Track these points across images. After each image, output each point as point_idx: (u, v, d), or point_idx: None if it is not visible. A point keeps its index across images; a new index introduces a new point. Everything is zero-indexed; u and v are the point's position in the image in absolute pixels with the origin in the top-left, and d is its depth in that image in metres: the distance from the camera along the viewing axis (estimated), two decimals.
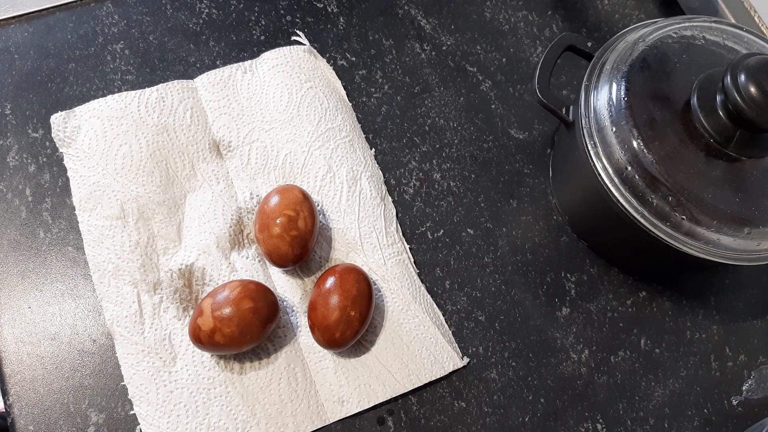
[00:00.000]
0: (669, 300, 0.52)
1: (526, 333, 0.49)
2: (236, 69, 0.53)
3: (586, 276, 0.52)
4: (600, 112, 0.45)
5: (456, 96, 0.56)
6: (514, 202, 0.53)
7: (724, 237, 0.42)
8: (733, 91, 0.41)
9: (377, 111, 0.54)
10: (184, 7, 0.55)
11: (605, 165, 0.44)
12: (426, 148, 0.54)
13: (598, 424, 0.47)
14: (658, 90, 0.45)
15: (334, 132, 0.51)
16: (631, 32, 0.49)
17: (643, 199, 0.43)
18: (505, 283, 0.50)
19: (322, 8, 0.57)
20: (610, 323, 0.51)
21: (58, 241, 0.46)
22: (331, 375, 0.44)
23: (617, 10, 0.63)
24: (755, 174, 0.44)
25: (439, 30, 0.59)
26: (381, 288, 0.47)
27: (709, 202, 0.42)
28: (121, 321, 0.43)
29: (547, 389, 0.48)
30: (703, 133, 0.43)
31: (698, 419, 0.49)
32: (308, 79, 0.53)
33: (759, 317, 0.53)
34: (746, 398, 0.50)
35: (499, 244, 0.51)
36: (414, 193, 0.52)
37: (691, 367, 0.50)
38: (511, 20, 0.60)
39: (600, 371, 0.49)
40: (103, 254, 0.45)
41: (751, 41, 0.48)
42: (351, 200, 0.49)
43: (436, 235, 0.51)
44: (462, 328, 0.48)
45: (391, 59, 0.56)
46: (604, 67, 0.47)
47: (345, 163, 0.50)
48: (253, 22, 0.56)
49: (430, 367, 0.46)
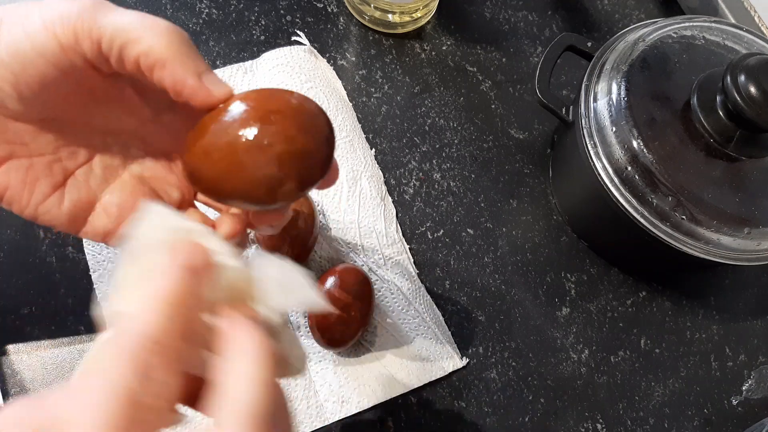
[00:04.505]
0: (669, 300, 0.52)
1: (526, 333, 0.49)
2: (236, 69, 0.53)
3: (586, 276, 0.52)
4: (600, 112, 0.45)
5: (456, 96, 0.56)
6: (514, 202, 0.53)
7: (724, 237, 0.42)
8: (733, 91, 0.41)
9: (377, 111, 0.54)
10: (184, 7, 0.55)
11: (605, 165, 0.44)
12: (426, 148, 0.54)
13: (598, 424, 0.47)
14: (658, 90, 0.45)
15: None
16: (631, 32, 0.49)
17: (643, 199, 0.43)
18: (505, 283, 0.50)
19: (322, 8, 0.57)
20: (610, 323, 0.51)
21: (58, 241, 0.46)
22: (331, 375, 0.44)
23: (617, 10, 0.63)
24: (755, 174, 0.44)
25: (439, 30, 0.59)
26: (381, 288, 0.47)
27: (709, 202, 0.42)
28: None
29: (547, 389, 0.48)
30: (703, 133, 0.43)
31: (698, 419, 0.49)
32: (308, 79, 0.53)
33: (759, 317, 0.53)
34: (746, 398, 0.50)
35: (499, 244, 0.51)
36: (414, 193, 0.52)
37: (691, 367, 0.50)
38: (511, 20, 0.60)
39: (600, 371, 0.49)
40: (103, 254, 0.45)
41: (751, 41, 0.48)
42: (351, 200, 0.49)
43: (436, 235, 0.51)
44: (462, 328, 0.48)
45: (391, 59, 0.56)
46: (604, 67, 0.47)
47: (345, 163, 0.50)
48: (253, 22, 0.56)
49: (430, 367, 0.46)
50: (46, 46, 0.26)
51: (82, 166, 0.31)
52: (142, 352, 0.21)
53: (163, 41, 0.26)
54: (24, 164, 0.29)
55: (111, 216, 0.31)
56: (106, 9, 0.26)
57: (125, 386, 0.20)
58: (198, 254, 0.24)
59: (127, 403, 0.20)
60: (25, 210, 0.30)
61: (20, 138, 0.28)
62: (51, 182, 0.30)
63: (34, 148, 0.29)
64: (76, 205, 0.30)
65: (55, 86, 0.27)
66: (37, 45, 0.25)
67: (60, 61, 0.26)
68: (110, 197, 0.31)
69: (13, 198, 0.29)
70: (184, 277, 0.23)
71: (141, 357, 0.21)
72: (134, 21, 0.26)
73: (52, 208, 0.30)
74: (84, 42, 0.26)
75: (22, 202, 0.29)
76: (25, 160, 0.29)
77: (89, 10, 0.26)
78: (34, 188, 0.29)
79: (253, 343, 0.23)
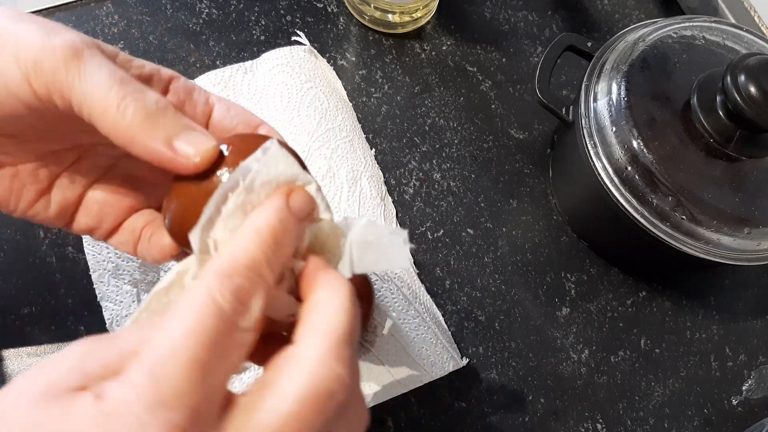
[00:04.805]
0: (669, 300, 0.52)
1: (526, 333, 0.49)
2: (236, 69, 0.53)
3: (586, 276, 0.52)
4: (600, 112, 0.45)
5: (456, 96, 0.56)
6: (514, 202, 0.53)
7: (724, 237, 0.42)
8: (733, 91, 0.41)
9: (377, 111, 0.54)
10: (184, 7, 0.55)
11: (605, 165, 0.44)
12: (426, 148, 0.54)
13: (598, 424, 0.47)
14: (658, 90, 0.45)
15: (334, 132, 0.51)
16: (631, 32, 0.49)
17: (643, 199, 0.43)
18: (505, 283, 0.50)
19: (322, 8, 0.57)
20: (610, 323, 0.51)
21: (58, 241, 0.46)
22: None
23: (617, 10, 0.63)
24: (755, 174, 0.44)
25: (439, 30, 0.59)
26: (381, 288, 0.47)
27: (709, 202, 0.42)
28: (121, 320, 0.43)
29: (547, 389, 0.48)
30: (703, 133, 0.43)
31: (698, 419, 0.49)
32: (308, 79, 0.53)
33: (759, 317, 0.53)
34: (746, 398, 0.50)
35: (499, 244, 0.51)
36: (414, 193, 0.52)
37: (691, 367, 0.50)
38: (511, 20, 0.60)
39: (600, 371, 0.49)
40: (103, 253, 0.45)
41: (751, 41, 0.48)
42: (351, 200, 0.49)
43: (436, 235, 0.51)
44: (462, 328, 0.48)
45: (391, 59, 0.56)
46: (604, 67, 0.47)
47: (345, 163, 0.50)
48: (253, 22, 0.56)
49: (430, 368, 0.46)
50: (20, 89, 0.25)
51: (68, 168, 0.31)
52: (236, 276, 0.21)
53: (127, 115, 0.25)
54: (9, 173, 0.29)
55: (92, 213, 0.31)
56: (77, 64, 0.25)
57: (219, 304, 0.19)
58: (305, 201, 0.25)
59: (221, 320, 0.19)
60: (13, 213, 0.30)
61: (3, 148, 0.28)
62: (36, 189, 0.30)
63: (18, 157, 0.29)
64: (62, 206, 0.30)
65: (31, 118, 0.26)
66: (10, 85, 0.25)
67: (33, 104, 0.25)
68: (93, 194, 0.31)
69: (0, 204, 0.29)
70: (289, 219, 0.23)
71: (236, 280, 0.20)
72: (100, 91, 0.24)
73: (40, 211, 0.30)
74: (56, 98, 0.25)
75: (9, 207, 0.29)
76: (10, 169, 0.29)
77: (61, 67, 0.24)
78: (21, 195, 0.29)
79: (338, 280, 0.24)
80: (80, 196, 0.31)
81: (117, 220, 0.32)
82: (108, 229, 0.32)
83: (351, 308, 0.23)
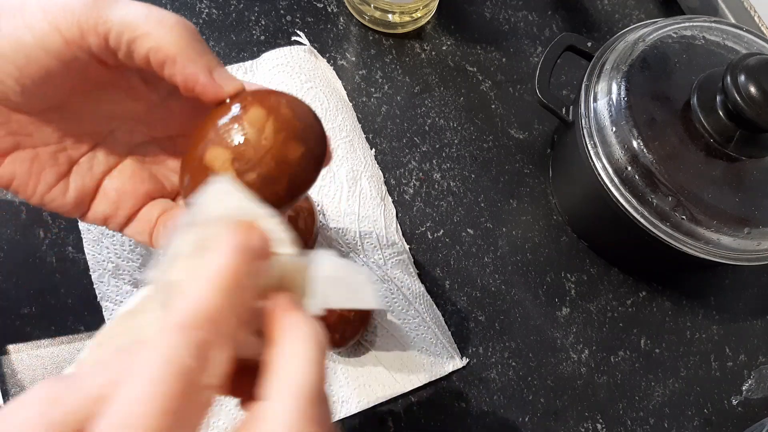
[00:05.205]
0: (669, 300, 0.52)
1: (526, 333, 0.49)
2: (236, 69, 0.53)
3: (586, 276, 0.52)
4: (600, 112, 0.45)
5: (456, 96, 0.56)
6: (514, 202, 0.53)
7: (724, 237, 0.42)
8: (733, 91, 0.41)
9: (377, 111, 0.54)
10: (184, 7, 0.55)
11: (605, 165, 0.44)
12: (426, 148, 0.54)
13: (598, 424, 0.47)
14: (658, 90, 0.45)
15: (334, 132, 0.51)
16: (631, 32, 0.49)
17: (643, 199, 0.43)
18: (505, 283, 0.50)
19: (322, 8, 0.57)
20: (610, 323, 0.51)
21: (58, 241, 0.46)
22: (331, 375, 0.44)
23: (617, 10, 0.63)
24: (755, 174, 0.44)
25: (439, 30, 0.59)
26: (381, 288, 0.47)
27: (709, 202, 0.42)
28: None
29: (547, 389, 0.48)
30: (703, 133, 0.43)
31: (698, 419, 0.49)
32: (308, 79, 0.53)
33: (759, 317, 0.53)
34: (746, 398, 0.50)
35: (499, 244, 0.51)
36: (414, 193, 0.52)
37: (691, 367, 0.50)
38: (511, 20, 0.60)
39: (600, 371, 0.49)
40: (103, 253, 0.45)
41: (751, 41, 0.48)
42: (351, 200, 0.49)
43: (436, 235, 0.51)
44: (462, 328, 0.48)
45: (391, 59, 0.56)
46: (604, 67, 0.47)
47: (345, 163, 0.50)
48: (253, 22, 0.56)
49: (430, 368, 0.46)
50: (49, 40, 0.25)
51: (87, 153, 0.31)
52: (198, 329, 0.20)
53: (172, 37, 0.26)
54: (29, 155, 0.29)
55: (109, 200, 0.31)
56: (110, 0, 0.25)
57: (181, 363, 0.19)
58: (259, 238, 0.23)
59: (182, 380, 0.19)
60: (31, 198, 0.30)
61: (24, 129, 0.28)
62: (56, 172, 0.30)
63: (39, 138, 0.29)
64: (80, 192, 0.30)
65: (59, 78, 0.27)
66: (39, 38, 0.25)
67: (64, 54, 0.26)
68: (110, 182, 0.31)
69: (19, 187, 0.29)
70: (245, 259, 0.22)
71: (198, 334, 0.20)
72: (142, 15, 0.26)
73: (58, 196, 0.30)
74: (90, 37, 0.25)
75: (27, 191, 0.29)
76: (30, 151, 0.29)
77: (93, 3, 0.25)
78: (40, 178, 0.29)
79: (306, 324, 0.23)
80: (98, 182, 0.31)
81: (134, 208, 0.32)
82: (124, 217, 0.32)
83: (320, 358, 0.22)
